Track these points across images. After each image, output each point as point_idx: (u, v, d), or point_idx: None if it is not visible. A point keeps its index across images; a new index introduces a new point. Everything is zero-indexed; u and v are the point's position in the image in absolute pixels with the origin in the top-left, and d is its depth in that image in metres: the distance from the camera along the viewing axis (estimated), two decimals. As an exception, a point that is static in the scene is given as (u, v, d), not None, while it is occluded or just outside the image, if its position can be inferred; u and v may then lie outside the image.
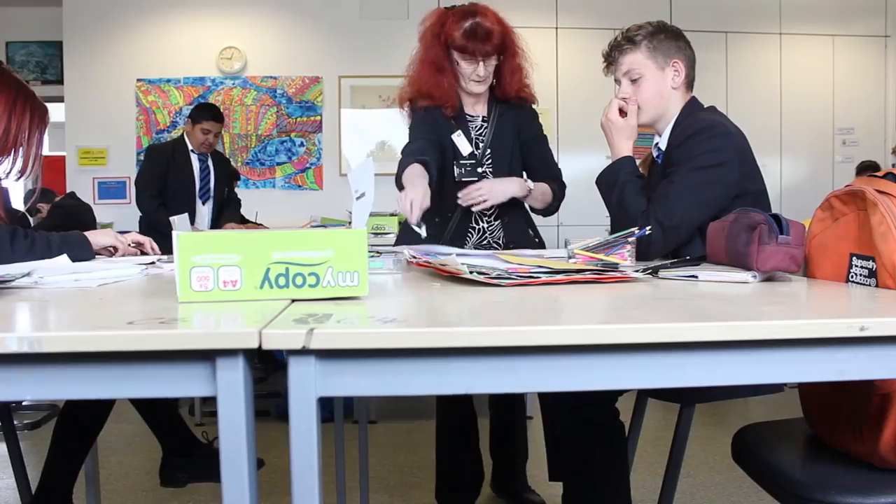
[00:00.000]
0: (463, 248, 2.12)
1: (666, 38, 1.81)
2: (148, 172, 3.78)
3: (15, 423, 3.32)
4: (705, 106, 1.89)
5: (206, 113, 3.84)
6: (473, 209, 2.03)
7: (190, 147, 3.85)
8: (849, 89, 5.73)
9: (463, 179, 2.06)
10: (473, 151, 2.11)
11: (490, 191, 2.00)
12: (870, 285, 1.15)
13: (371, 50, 5.47)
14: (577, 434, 1.66)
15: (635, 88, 1.81)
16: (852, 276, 1.20)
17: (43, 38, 5.96)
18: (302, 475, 0.76)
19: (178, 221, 1.44)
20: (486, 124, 2.14)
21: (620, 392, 1.82)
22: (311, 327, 0.74)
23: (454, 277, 1.20)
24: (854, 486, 1.08)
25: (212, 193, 3.90)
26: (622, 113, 1.82)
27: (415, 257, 1.40)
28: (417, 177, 1.87)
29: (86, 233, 1.74)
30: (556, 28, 5.43)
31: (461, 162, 2.09)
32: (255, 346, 0.73)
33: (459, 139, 2.10)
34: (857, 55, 5.75)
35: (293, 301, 0.95)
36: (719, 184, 1.68)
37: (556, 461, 1.88)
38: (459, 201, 2.00)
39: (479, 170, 2.10)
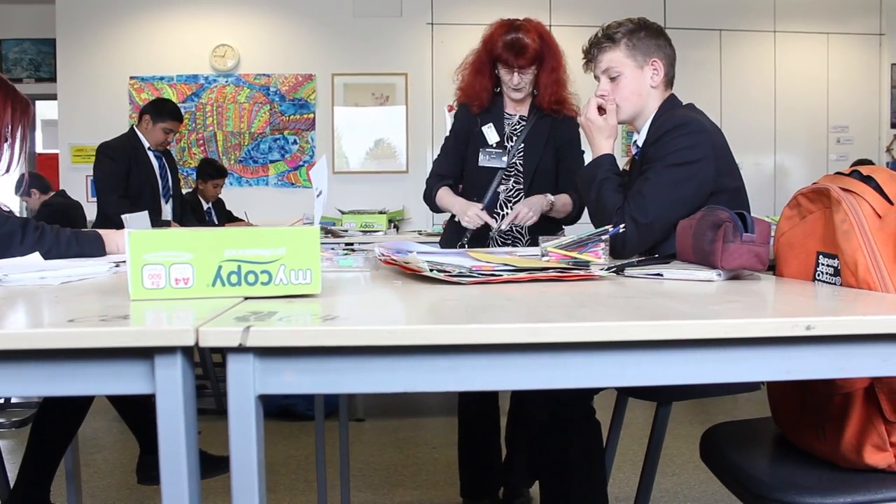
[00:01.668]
0: (488, 234, 2.27)
1: (646, 35, 1.79)
2: (112, 172, 3.54)
3: (2, 420, 3.35)
4: (684, 103, 1.88)
5: (168, 112, 3.66)
6: (526, 224, 2.20)
7: (147, 145, 3.66)
8: (843, 87, 5.72)
9: (486, 165, 2.31)
10: (501, 142, 2.31)
11: (528, 211, 2.18)
12: (835, 284, 1.14)
13: (364, 48, 5.48)
14: (552, 432, 1.66)
15: (614, 86, 1.80)
16: (819, 275, 1.20)
17: (36, 35, 5.96)
18: (242, 474, 0.75)
19: (132, 219, 1.44)
20: (524, 122, 2.32)
21: (596, 390, 1.82)
22: (249, 325, 0.73)
23: (418, 276, 1.20)
24: (815, 485, 1.08)
25: (171, 192, 3.78)
26: (601, 111, 1.81)
27: (384, 255, 1.40)
28: (452, 195, 2.28)
29: (111, 233, 1.69)
30: (550, 26, 5.42)
31: (486, 149, 2.31)
32: (192, 343, 0.73)
33: (489, 130, 2.31)
34: (851, 53, 5.73)
35: (246, 299, 0.95)
36: (694, 180, 1.67)
37: (533, 459, 1.87)
38: (504, 225, 2.22)
39: (504, 158, 2.29)
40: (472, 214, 2.17)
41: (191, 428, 0.76)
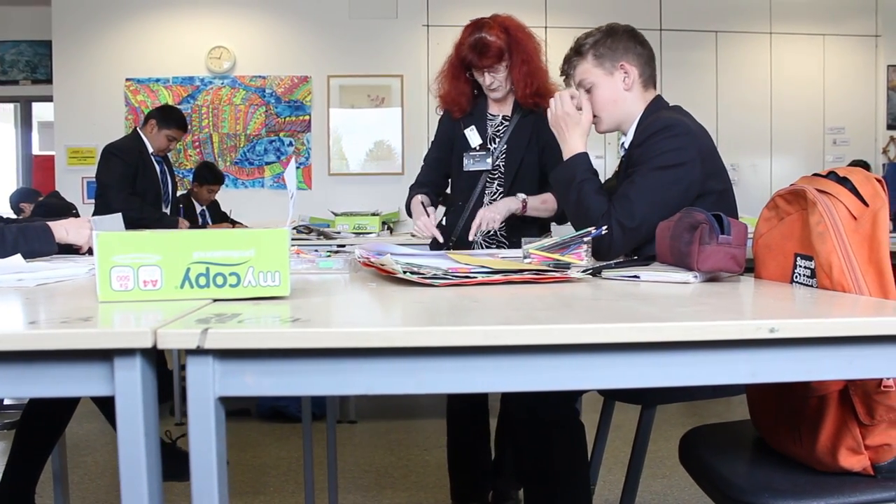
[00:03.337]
0: (472, 239, 2.20)
1: (613, 42, 1.76)
2: (121, 172, 3.55)
3: (-5, 422, 3.34)
4: (679, 104, 1.86)
5: (174, 120, 3.68)
6: (487, 229, 2.10)
7: (150, 150, 3.69)
8: (839, 89, 5.72)
9: (470, 169, 2.27)
10: (484, 144, 2.27)
11: (484, 216, 2.07)
12: (812, 285, 1.13)
13: (360, 49, 5.48)
14: (535, 434, 1.65)
15: (591, 97, 1.78)
16: (796, 276, 1.19)
17: (33, 37, 5.97)
18: (201, 476, 0.75)
19: (102, 221, 1.43)
20: (507, 123, 2.28)
21: (580, 392, 1.81)
22: (207, 327, 0.73)
23: (393, 278, 1.19)
24: (789, 489, 1.07)
25: (170, 197, 3.80)
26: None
27: (363, 257, 1.39)
28: (418, 203, 2.21)
29: (60, 222, 1.69)
30: (546, 28, 5.42)
31: (470, 153, 2.27)
32: (150, 345, 0.73)
33: (471, 133, 2.27)
34: (847, 55, 5.73)
35: (215, 301, 0.95)
36: (681, 183, 1.65)
37: (517, 462, 1.87)
38: (471, 236, 2.11)
39: (488, 160, 2.26)
40: (421, 225, 2.10)
41: (150, 429, 0.76)
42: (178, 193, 4.43)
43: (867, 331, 0.80)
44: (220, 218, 4.70)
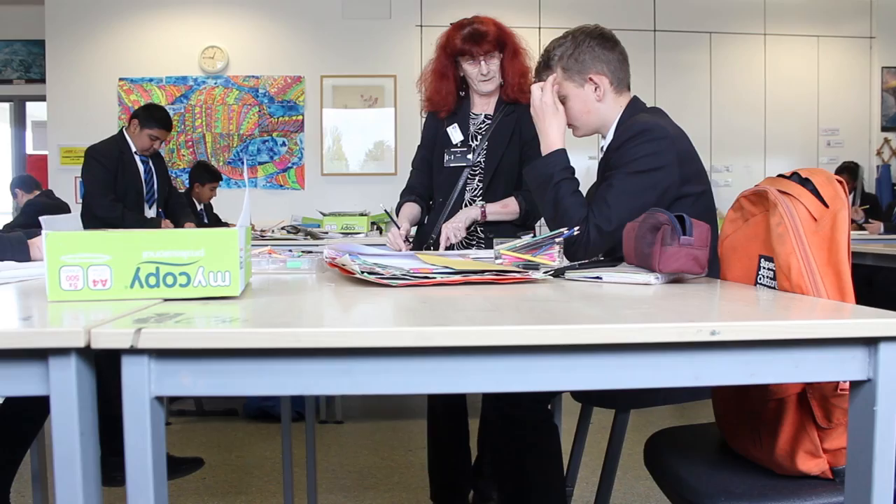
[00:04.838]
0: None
1: (579, 52, 1.72)
2: (101, 176, 3.58)
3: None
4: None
5: (155, 119, 3.66)
6: (455, 241, 2.17)
7: (133, 149, 3.69)
8: (834, 90, 5.70)
9: (451, 165, 2.31)
10: (465, 141, 2.30)
11: (449, 230, 2.15)
12: (775, 287, 1.13)
13: (353, 50, 5.48)
14: (506, 435, 1.65)
15: (565, 107, 1.77)
16: (760, 278, 1.19)
17: (26, 36, 5.98)
18: (137, 478, 0.75)
19: (51, 221, 1.43)
20: (489, 121, 2.31)
21: (552, 394, 1.81)
22: (140, 327, 0.73)
23: (354, 278, 1.19)
24: (745, 493, 1.07)
25: (156, 196, 3.80)
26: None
27: (329, 257, 1.39)
28: (401, 218, 2.29)
29: (34, 241, 1.69)
30: (539, 28, 5.42)
31: (451, 149, 2.31)
32: (83, 345, 0.72)
33: (453, 130, 2.32)
34: (842, 56, 5.72)
35: (165, 300, 0.94)
36: (658, 188, 1.63)
37: (492, 462, 1.86)
38: (441, 250, 2.16)
39: (469, 156, 2.29)
40: (390, 237, 2.19)
41: (87, 430, 0.76)
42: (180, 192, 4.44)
43: (811, 333, 0.79)
44: (215, 219, 4.70)
